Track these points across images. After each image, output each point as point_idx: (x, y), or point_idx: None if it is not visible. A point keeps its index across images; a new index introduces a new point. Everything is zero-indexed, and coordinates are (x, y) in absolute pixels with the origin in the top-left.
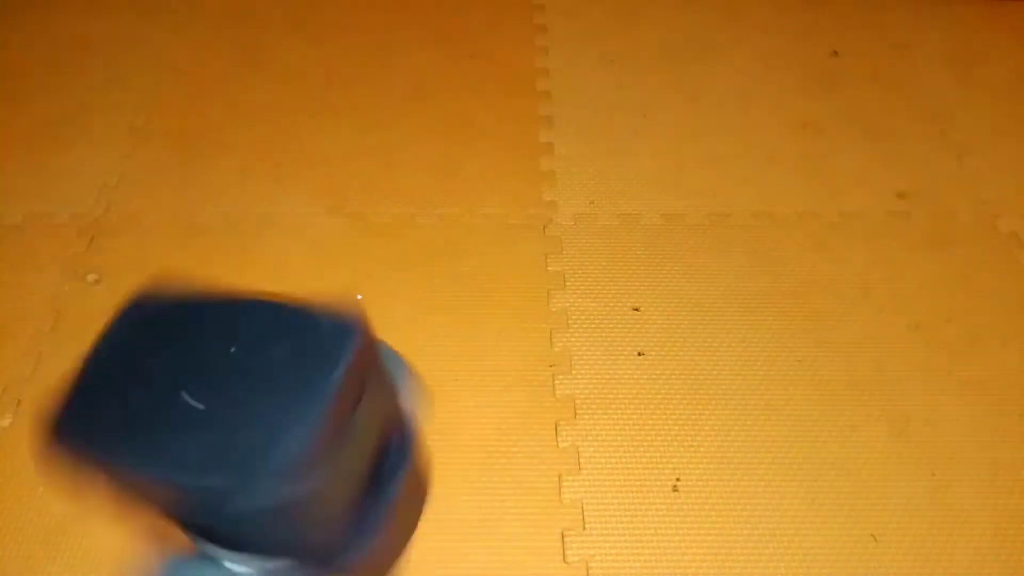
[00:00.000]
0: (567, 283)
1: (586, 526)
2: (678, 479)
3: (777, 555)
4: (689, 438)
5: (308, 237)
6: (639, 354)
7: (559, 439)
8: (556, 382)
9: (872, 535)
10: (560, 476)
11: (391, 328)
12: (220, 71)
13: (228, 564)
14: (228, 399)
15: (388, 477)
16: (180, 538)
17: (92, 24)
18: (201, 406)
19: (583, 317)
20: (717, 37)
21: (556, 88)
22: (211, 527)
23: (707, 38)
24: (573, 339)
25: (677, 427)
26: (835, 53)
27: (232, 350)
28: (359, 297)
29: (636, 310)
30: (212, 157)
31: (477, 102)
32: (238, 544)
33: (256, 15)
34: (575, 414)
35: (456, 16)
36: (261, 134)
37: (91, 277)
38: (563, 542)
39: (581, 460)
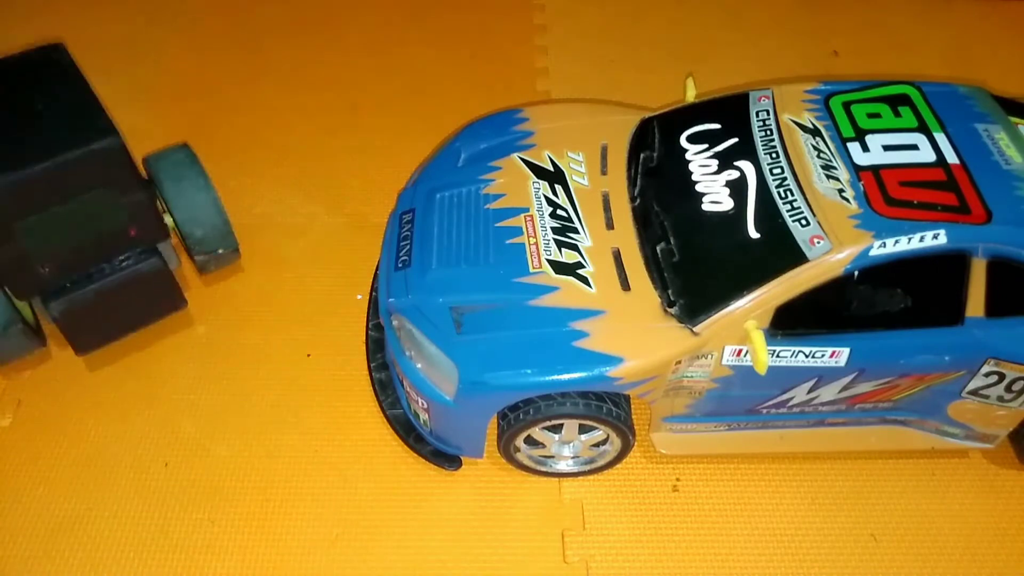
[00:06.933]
0: None
1: (586, 526)
2: (678, 479)
3: (777, 555)
4: None
5: (308, 237)
6: None
7: None
8: None
9: (872, 535)
10: (560, 476)
11: None
12: (220, 71)
13: None
14: (8, 129)
15: (115, 267)
16: None
17: (92, 23)
18: None
19: None
20: (717, 37)
21: (556, 88)
22: None
23: (707, 38)
24: None
25: None
26: (835, 53)
27: (40, 107)
28: (359, 297)
29: None
30: (212, 157)
31: (477, 101)
32: None
33: (256, 15)
34: None
35: (456, 16)
36: (261, 134)
37: None
38: (563, 542)
39: None
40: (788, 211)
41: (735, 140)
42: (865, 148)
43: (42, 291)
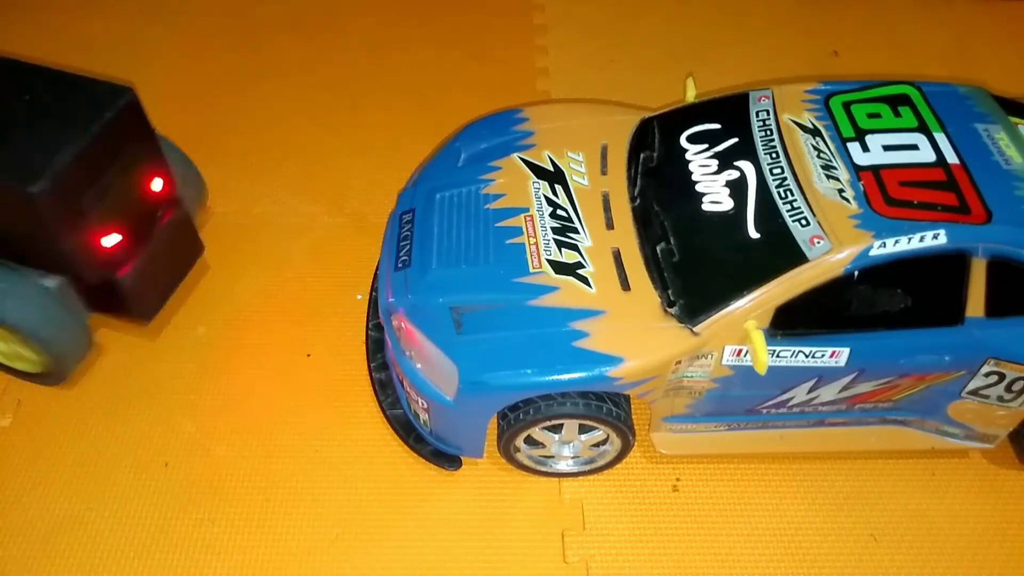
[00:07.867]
0: None
1: (586, 526)
2: (678, 479)
3: (777, 555)
4: None
5: (308, 237)
6: None
7: None
8: None
9: (872, 535)
10: (560, 476)
11: None
12: (220, 71)
13: (31, 274)
14: (17, 126)
15: (155, 224)
16: None
17: (92, 23)
18: None
19: None
20: (717, 37)
21: (556, 88)
22: (7, 242)
23: (707, 38)
24: None
25: None
26: (835, 53)
27: (27, 97)
28: (359, 297)
29: None
30: (212, 157)
31: (477, 101)
32: (30, 260)
33: (256, 15)
34: None
35: (456, 16)
36: (261, 134)
37: None
38: (563, 542)
39: None
40: (788, 211)
41: (735, 140)
42: (865, 148)
43: (109, 267)
